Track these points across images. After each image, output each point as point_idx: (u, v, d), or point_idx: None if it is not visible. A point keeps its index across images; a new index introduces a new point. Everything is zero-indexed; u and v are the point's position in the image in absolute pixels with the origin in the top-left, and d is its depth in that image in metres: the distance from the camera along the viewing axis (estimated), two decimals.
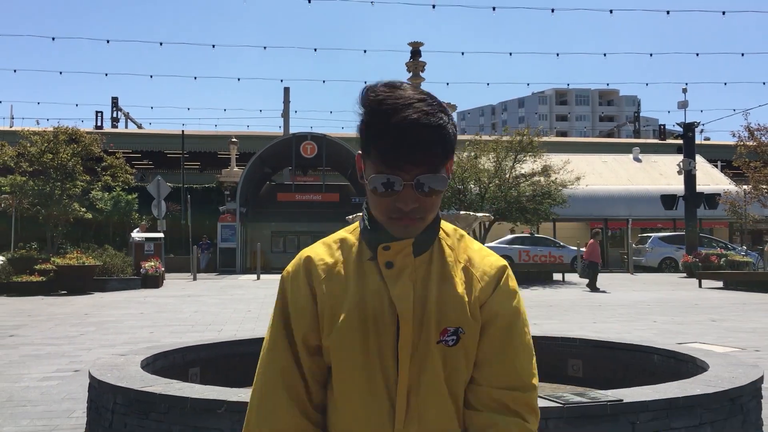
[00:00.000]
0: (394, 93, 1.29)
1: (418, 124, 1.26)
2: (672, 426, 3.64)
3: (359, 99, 1.34)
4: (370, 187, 1.32)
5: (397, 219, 1.32)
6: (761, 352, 8.16)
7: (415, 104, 1.27)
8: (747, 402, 4.14)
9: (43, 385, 6.54)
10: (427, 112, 1.28)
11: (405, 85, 1.34)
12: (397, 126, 1.26)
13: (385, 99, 1.28)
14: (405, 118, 1.26)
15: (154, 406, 3.84)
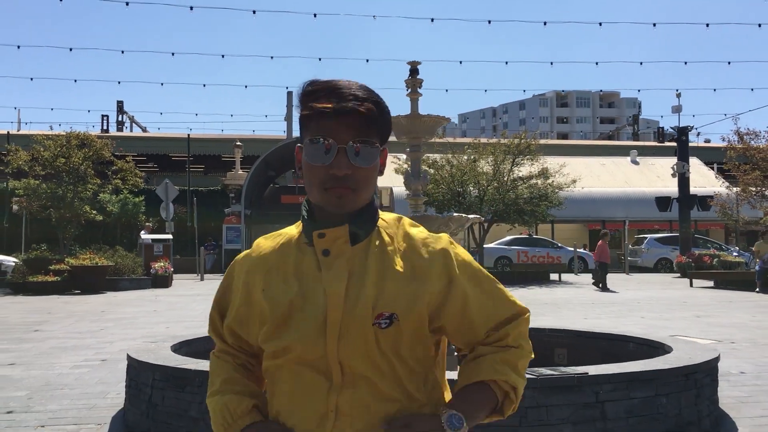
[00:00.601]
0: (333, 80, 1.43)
1: (351, 92, 1.38)
2: (631, 396, 4.27)
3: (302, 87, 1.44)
4: (310, 160, 1.39)
5: (331, 188, 1.38)
6: (736, 344, 8.78)
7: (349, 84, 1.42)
8: (701, 378, 4.76)
9: (75, 372, 7.17)
10: (361, 87, 1.41)
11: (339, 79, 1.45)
12: (335, 91, 1.38)
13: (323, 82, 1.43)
14: (340, 88, 1.39)
15: (189, 381, 4.48)
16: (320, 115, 1.38)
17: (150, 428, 4.68)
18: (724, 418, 5.18)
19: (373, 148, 1.39)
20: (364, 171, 1.39)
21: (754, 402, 5.72)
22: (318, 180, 1.39)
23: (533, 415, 4.03)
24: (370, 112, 1.38)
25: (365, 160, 1.39)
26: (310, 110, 1.40)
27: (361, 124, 1.38)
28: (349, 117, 1.37)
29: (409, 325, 1.38)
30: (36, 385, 6.54)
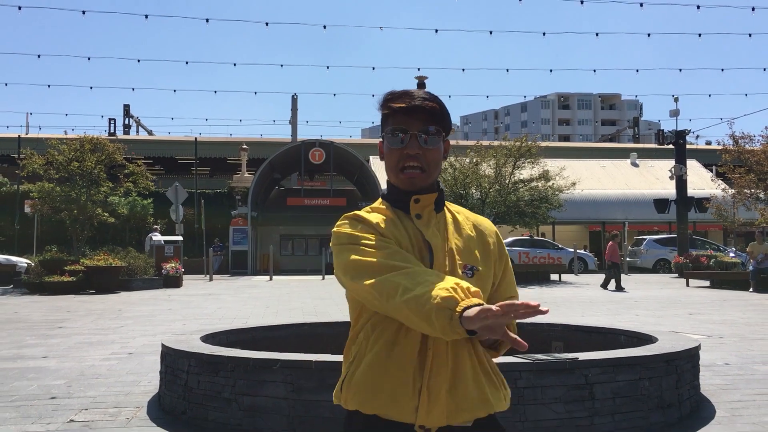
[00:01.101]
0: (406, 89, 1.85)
1: (421, 96, 1.79)
2: (617, 379, 4.80)
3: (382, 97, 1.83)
4: (390, 144, 1.77)
5: (404, 170, 1.76)
6: (724, 339, 9.29)
7: (418, 90, 1.83)
8: (682, 365, 5.28)
9: (105, 364, 7.71)
10: (426, 92, 1.83)
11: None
12: (407, 95, 1.79)
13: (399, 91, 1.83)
14: (412, 93, 1.80)
15: (222, 366, 5.01)
16: (397, 112, 1.77)
17: (186, 410, 5.21)
18: (705, 402, 5.70)
19: (437, 137, 1.78)
20: (431, 153, 1.77)
21: (734, 389, 6.24)
22: (395, 161, 1.77)
23: (529, 395, 4.55)
24: (434, 109, 1.77)
25: (431, 144, 1.77)
26: (389, 109, 1.79)
27: (427, 117, 1.76)
28: (418, 112, 1.76)
29: (485, 276, 1.79)
30: (72, 375, 7.08)
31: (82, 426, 5.11)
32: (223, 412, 4.93)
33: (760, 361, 7.57)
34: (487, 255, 1.82)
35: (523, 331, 6.88)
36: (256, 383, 4.81)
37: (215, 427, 4.91)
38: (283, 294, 17.54)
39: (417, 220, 1.77)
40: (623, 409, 4.78)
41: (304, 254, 36.07)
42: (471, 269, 1.76)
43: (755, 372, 6.99)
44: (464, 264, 1.76)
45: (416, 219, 1.77)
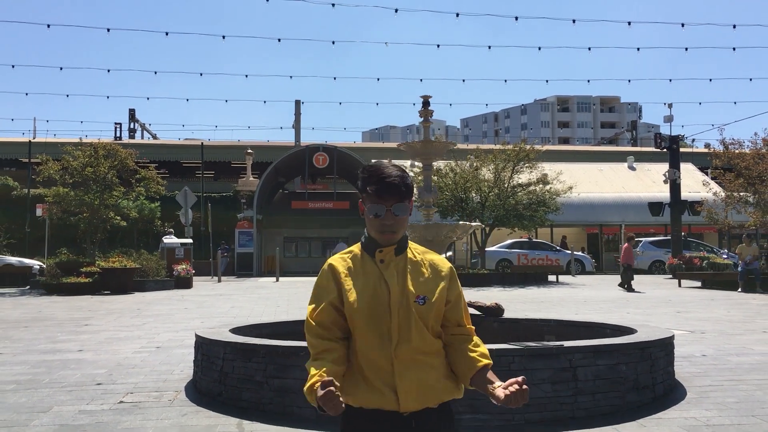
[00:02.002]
0: (381, 165, 2.37)
1: (392, 180, 2.28)
2: (597, 363, 5.54)
3: (360, 171, 2.38)
4: (369, 214, 2.29)
5: (383, 233, 2.30)
6: (705, 334, 10.03)
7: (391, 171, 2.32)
8: (655, 352, 6.02)
9: (138, 356, 8.45)
10: (397, 171, 2.32)
11: (385, 162, 2.41)
12: (383, 178, 2.29)
13: (379, 167, 2.35)
14: (386, 176, 2.29)
15: (255, 353, 5.75)
16: (373, 193, 2.30)
17: (222, 392, 5.95)
18: (678, 386, 6.44)
19: (405, 206, 2.32)
20: (401, 219, 2.32)
21: (706, 376, 6.98)
22: (376, 226, 2.33)
23: (521, 376, 5.29)
24: (399, 190, 2.30)
25: (402, 213, 2.32)
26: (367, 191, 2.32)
27: (398, 194, 2.30)
28: (391, 191, 2.30)
29: (434, 304, 2.30)
30: (110, 365, 7.82)
31: (132, 406, 5.86)
32: (256, 393, 5.67)
33: (734, 353, 8.31)
34: (437, 287, 2.33)
35: (519, 326, 7.65)
36: (284, 367, 5.55)
37: (248, 406, 5.64)
38: (291, 294, 18.28)
39: (380, 264, 2.33)
40: (603, 389, 5.51)
41: (307, 256, 36.80)
42: (423, 299, 2.29)
43: (728, 362, 7.73)
44: (417, 295, 2.29)
45: (380, 263, 2.33)
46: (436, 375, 2.30)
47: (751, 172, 20.04)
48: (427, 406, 2.28)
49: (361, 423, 2.29)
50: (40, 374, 7.31)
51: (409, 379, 2.25)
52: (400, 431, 2.26)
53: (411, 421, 2.26)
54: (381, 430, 2.27)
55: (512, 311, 10.73)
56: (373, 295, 2.29)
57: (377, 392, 2.25)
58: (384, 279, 2.31)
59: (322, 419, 5.24)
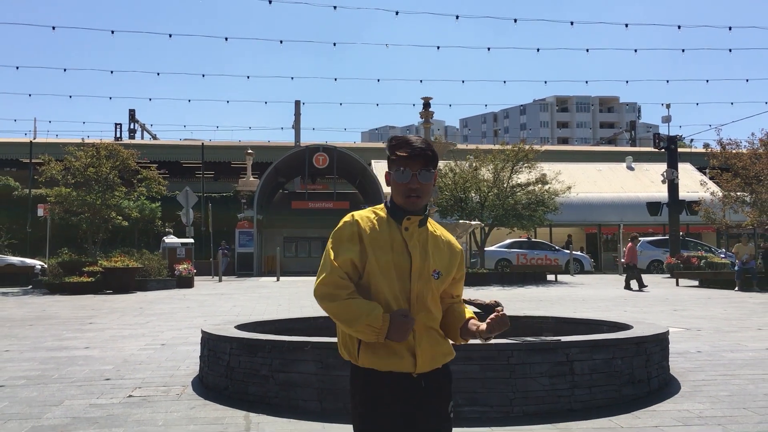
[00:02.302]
0: (408, 135, 2.58)
1: (419, 145, 2.47)
2: (593, 357, 5.69)
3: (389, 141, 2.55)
4: (397, 179, 2.44)
5: (408, 197, 2.45)
6: (701, 331, 10.19)
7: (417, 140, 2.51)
8: (650, 347, 6.18)
9: (144, 353, 8.60)
10: (423, 141, 2.51)
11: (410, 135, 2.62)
12: (411, 144, 2.48)
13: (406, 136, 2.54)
14: (413, 142, 2.48)
15: (260, 348, 5.91)
16: (401, 157, 2.47)
17: (228, 386, 6.11)
18: (672, 381, 6.60)
19: (430, 173, 2.48)
20: (426, 185, 2.48)
21: (700, 371, 7.15)
22: (402, 190, 2.47)
23: (520, 370, 5.45)
24: (427, 155, 2.48)
25: (426, 179, 2.47)
26: (395, 156, 2.49)
27: (423, 161, 2.47)
28: (417, 158, 2.46)
29: (445, 279, 2.55)
30: (117, 361, 7.98)
31: (141, 400, 6.01)
32: (261, 387, 5.82)
33: (728, 350, 8.47)
34: (451, 265, 2.56)
35: (519, 323, 7.81)
36: (290, 362, 5.70)
37: (254, 400, 5.80)
38: (292, 293, 18.43)
39: (405, 232, 2.47)
40: (599, 383, 5.67)
41: (307, 256, 36.95)
42: (437, 273, 2.49)
43: (722, 358, 7.89)
44: (434, 269, 2.49)
45: (404, 231, 2.47)
46: (441, 339, 2.55)
47: (748, 172, 20.21)
48: (435, 367, 2.50)
49: (374, 384, 2.45)
50: (49, 370, 7.47)
51: (426, 343, 2.46)
52: (411, 391, 2.45)
53: (421, 381, 2.46)
54: (394, 390, 2.44)
55: (511, 309, 10.88)
56: (398, 260, 2.44)
57: (396, 355, 2.42)
58: (407, 249, 2.45)
59: (326, 412, 5.41)
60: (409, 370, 2.44)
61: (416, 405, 2.48)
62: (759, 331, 10.23)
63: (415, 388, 2.46)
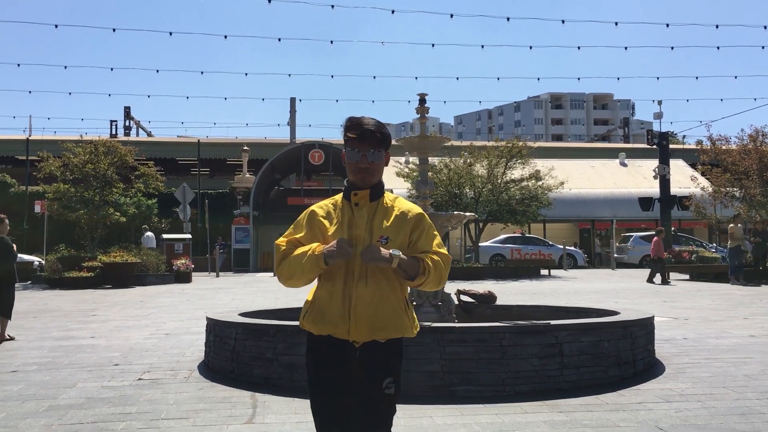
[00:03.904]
0: (362, 116, 2.70)
1: (369, 128, 2.63)
2: (581, 340, 6.00)
3: (345, 122, 2.68)
4: (349, 159, 2.63)
5: (357, 174, 2.63)
6: (689, 320, 10.52)
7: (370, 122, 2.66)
8: (636, 331, 6.49)
9: (149, 342, 8.88)
10: (374, 124, 2.65)
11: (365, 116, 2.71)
12: (362, 125, 2.64)
13: (360, 117, 2.69)
14: (365, 124, 2.64)
15: (265, 333, 6.20)
16: (353, 138, 2.65)
17: (234, 369, 6.39)
18: (658, 363, 6.91)
19: (380, 153, 2.67)
20: (376, 165, 2.66)
21: (685, 355, 7.46)
22: (353, 169, 2.67)
23: (511, 351, 5.75)
24: (375, 137, 2.65)
25: (376, 159, 2.66)
26: (347, 137, 2.68)
27: (374, 140, 2.65)
28: (366, 139, 2.64)
29: (395, 243, 2.60)
30: (123, 349, 8.25)
31: (151, 382, 6.29)
32: (266, 369, 6.11)
33: (713, 336, 8.80)
34: (401, 229, 2.63)
35: (511, 311, 8.14)
36: (293, 345, 5.98)
37: (259, 381, 6.08)
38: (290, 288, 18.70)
39: (355, 207, 2.67)
40: (587, 364, 5.98)
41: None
42: (386, 239, 2.60)
43: (707, 344, 8.22)
44: (381, 235, 2.60)
45: (355, 206, 2.67)
46: (389, 312, 2.61)
47: (737, 167, 20.57)
48: (374, 338, 2.60)
49: (317, 347, 2.67)
50: (59, 357, 7.74)
51: (364, 313, 2.56)
52: (346, 357, 2.60)
53: (357, 351, 2.60)
54: (331, 355, 2.62)
55: (505, 301, 11.18)
56: (346, 234, 2.61)
57: (332, 322, 2.59)
58: (354, 218, 2.64)
59: None
60: (343, 337, 2.58)
61: (351, 373, 2.60)
62: (744, 320, 10.56)
63: (350, 356, 2.60)
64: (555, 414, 5.03)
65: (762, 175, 20.15)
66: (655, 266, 19.54)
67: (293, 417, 4.96)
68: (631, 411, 5.10)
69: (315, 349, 2.70)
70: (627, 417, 4.93)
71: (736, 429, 4.60)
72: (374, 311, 2.58)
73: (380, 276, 2.60)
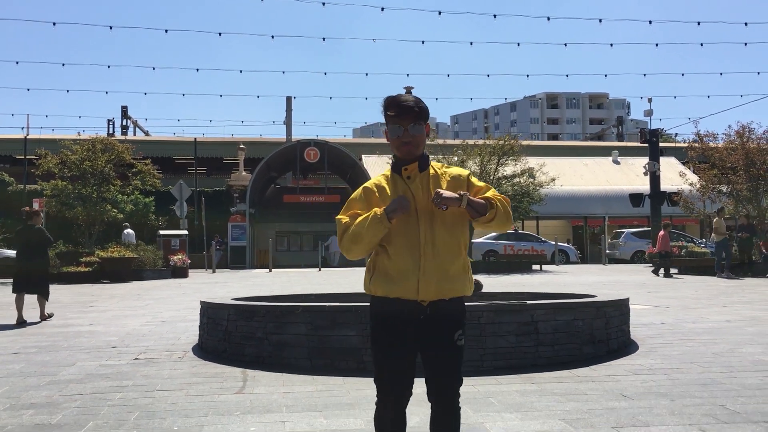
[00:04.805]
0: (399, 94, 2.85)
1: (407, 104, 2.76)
2: (556, 318, 6.31)
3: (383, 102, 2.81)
4: (392, 135, 2.78)
5: (401, 147, 2.77)
6: (669, 308, 10.83)
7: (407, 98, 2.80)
8: (609, 311, 6.80)
9: (145, 328, 9.17)
10: (412, 99, 2.79)
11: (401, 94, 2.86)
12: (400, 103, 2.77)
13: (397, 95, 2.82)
14: (402, 101, 2.77)
15: (256, 314, 6.50)
16: (394, 115, 2.78)
17: (226, 349, 6.69)
18: (632, 344, 7.23)
19: (420, 126, 2.80)
20: (418, 137, 2.79)
21: (659, 336, 7.78)
22: (396, 144, 2.81)
23: (489, 329, 6.06)
24: (414, 111, 2.78)
25: (417, 132, 2.79)
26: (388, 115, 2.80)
27: (413, 114, 2.77)
28: (407, 114, 2.78)
29: (454, 210, 2.72)
30: (120, 334, 8.55)
31: (147, 361, 6.59)
32: (257, 348, 6.41)
33: (690, 321, 9.12)
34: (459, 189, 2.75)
35: (496, 298, 8.37)
36: (282, 324, 6.29)
37: (251, 360, 6.39)
38: (284, 282, 19.01)
39: (407, 180, 2.81)
40: (561, 341, 6.29)
41: (299, 250, 37.45)
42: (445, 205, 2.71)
43: (683, 328, 8.54)
44: None
45: (407, 179, 2.81)
46: (456, 271, 2.77)
47: (724, 163, 20.92)
48: (441, 297, 2.75)
49: (384, 309, 2.79)
50: (58, 341, 8.04)
51: (431, 274, 2.71)
52: (413, 318, 2.75)
53: (427, 309, 2.75)
54: (401, 314, 2.75)
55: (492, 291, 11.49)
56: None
57: (401, 283, 2.72)
58: (410, 190, 2.77)
59: (316, 367, 6.00)
60: (412, 297, 2.71)
61: (422, 330, 2.75)
62: (723, 307, 10.89)
63: (418, 317, 2.74)
64: (527, 384, 5.35)
65: (748, 170, 20.49)
66: (662, 259, 19.78)
67: (281, 388, 5.26)
68: (599, 382, 5.41)
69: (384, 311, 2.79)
70: (594, 387, 5.24)
71: (695, 395, 4.92)
72: (443, 270, 2.72)
73: (446, 236, 2.76)
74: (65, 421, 4.41)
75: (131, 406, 4.79)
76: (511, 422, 4.31)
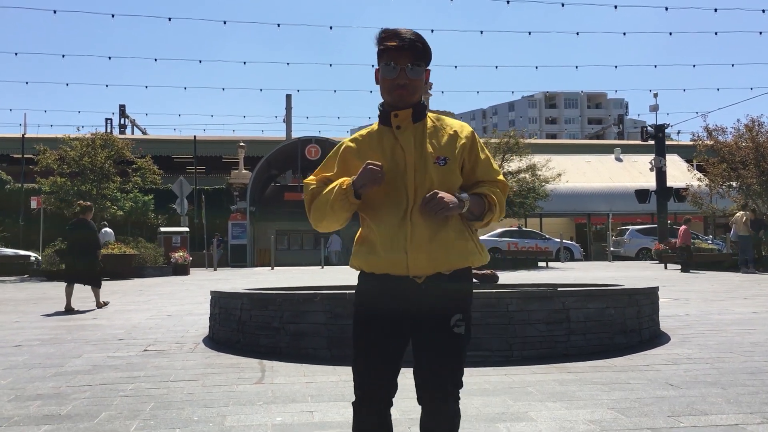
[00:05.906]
0: (396, 28, 2.28)
1: (409, 37, 2.23)
2: (588, 306, 6.00)
3: (379, 33, 2.28)
4: (384, 75, 2.23)
5: (395, 92, 2.22)
6: (690, 301, 10.54)
7: (407, 32, 2.26)
8: (641, 300, 6.50)
9: (152, 321, 8.85)
10: (413, 33, 2.26)
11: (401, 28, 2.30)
12: (400, 35, 2.24)
13: (396, 28, 2.28)
14: (403, 34, 2.24)
15: (271, 301, 6.19)
16: (390, 49, 2.24)
17: (240, 339, 6.37)
18: (663, 334, 6.93)
19: (420, 68, 2.26)
20: (415, 81, 2.26)
21: (689, 327, 7.48)
22: (389, 86, 2.26)
23: (519, 317, 5.75)
24: (417, 48, 2.26)
25: (416, 75, 2.25)
26: (384, 46, 2.27)
27: (412, 54, 2.24)
28: (406, 50, 2.24)
29: (454, 164, 2.28)
30: (126, 327, 8.22)
31: (157, 353, 6.27)
32: (272, 338, 6.10)
33: (715, 313, 8.83)
34: (456, 149, 2.29)
35: (522, 288, 8.01)
36: (300, 313, 5.98)
37: (266, 351, 6.07)
38: (287, 278, 18.68)
39: (397, 131, 2.27)
40: (593, 330, 5.99)
41: (299, 249, 37.12)
42: (444, 159, 2.25)
43: (710, 319, 8.25)
44: (437, 156, 2.25)
45: (396, 130, 2.28)
46: (452, 237, 2.25)
47: (734, 157, 20.64)
48: (438, 271, 2.24)
49: (372, 286, 2.31)
50: (62, 334, 7.71)
51: (422, 244, 2.20)
52: (410, 294, 2.25)
53: (423, 287, 2.24)
54: (391, 291, 2.26)
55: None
56: (391, 161, 2.25)
57: (386, 256, 2.23)
58: (400, 145, 2.26)
59: (336, 358, 5.68)
60: (402, 273, 2.22)
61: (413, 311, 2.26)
62: (745, 300, 10.60)
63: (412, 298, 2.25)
64: (564, 374, 5.04)
65: (759, 164, 20.21)
66: (682, 253, 19.41)
67: (302, 378, 4.95)
68: (640, 371, 5.11)
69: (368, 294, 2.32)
70: (636, 376, 4.94)
71: (747, 383, 4.62)
72: (434, 235, 2.21)
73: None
74: (76, 412, 4.10)
75: (145, 397, 4.47)
76: (557, 411, 4.00)
